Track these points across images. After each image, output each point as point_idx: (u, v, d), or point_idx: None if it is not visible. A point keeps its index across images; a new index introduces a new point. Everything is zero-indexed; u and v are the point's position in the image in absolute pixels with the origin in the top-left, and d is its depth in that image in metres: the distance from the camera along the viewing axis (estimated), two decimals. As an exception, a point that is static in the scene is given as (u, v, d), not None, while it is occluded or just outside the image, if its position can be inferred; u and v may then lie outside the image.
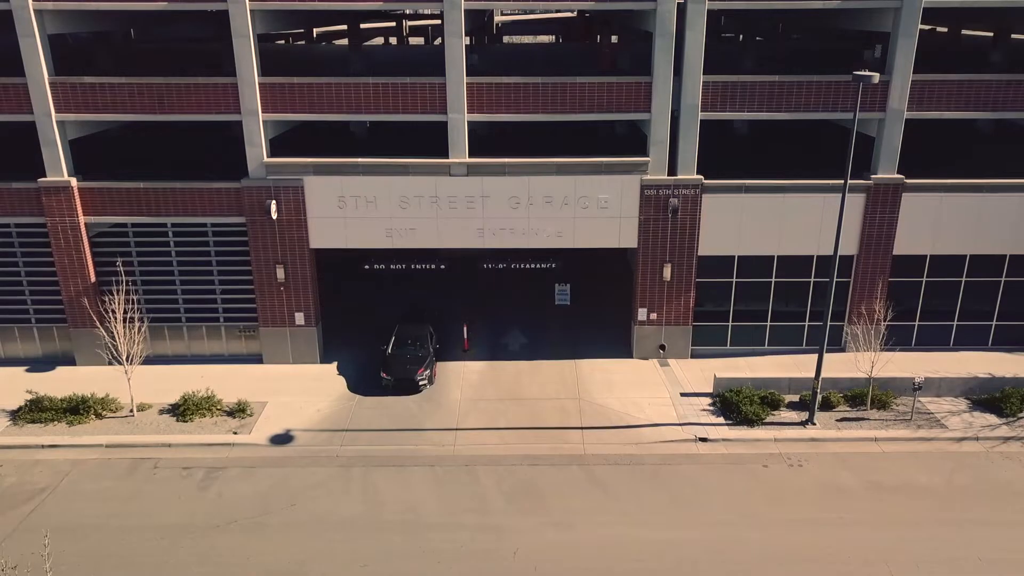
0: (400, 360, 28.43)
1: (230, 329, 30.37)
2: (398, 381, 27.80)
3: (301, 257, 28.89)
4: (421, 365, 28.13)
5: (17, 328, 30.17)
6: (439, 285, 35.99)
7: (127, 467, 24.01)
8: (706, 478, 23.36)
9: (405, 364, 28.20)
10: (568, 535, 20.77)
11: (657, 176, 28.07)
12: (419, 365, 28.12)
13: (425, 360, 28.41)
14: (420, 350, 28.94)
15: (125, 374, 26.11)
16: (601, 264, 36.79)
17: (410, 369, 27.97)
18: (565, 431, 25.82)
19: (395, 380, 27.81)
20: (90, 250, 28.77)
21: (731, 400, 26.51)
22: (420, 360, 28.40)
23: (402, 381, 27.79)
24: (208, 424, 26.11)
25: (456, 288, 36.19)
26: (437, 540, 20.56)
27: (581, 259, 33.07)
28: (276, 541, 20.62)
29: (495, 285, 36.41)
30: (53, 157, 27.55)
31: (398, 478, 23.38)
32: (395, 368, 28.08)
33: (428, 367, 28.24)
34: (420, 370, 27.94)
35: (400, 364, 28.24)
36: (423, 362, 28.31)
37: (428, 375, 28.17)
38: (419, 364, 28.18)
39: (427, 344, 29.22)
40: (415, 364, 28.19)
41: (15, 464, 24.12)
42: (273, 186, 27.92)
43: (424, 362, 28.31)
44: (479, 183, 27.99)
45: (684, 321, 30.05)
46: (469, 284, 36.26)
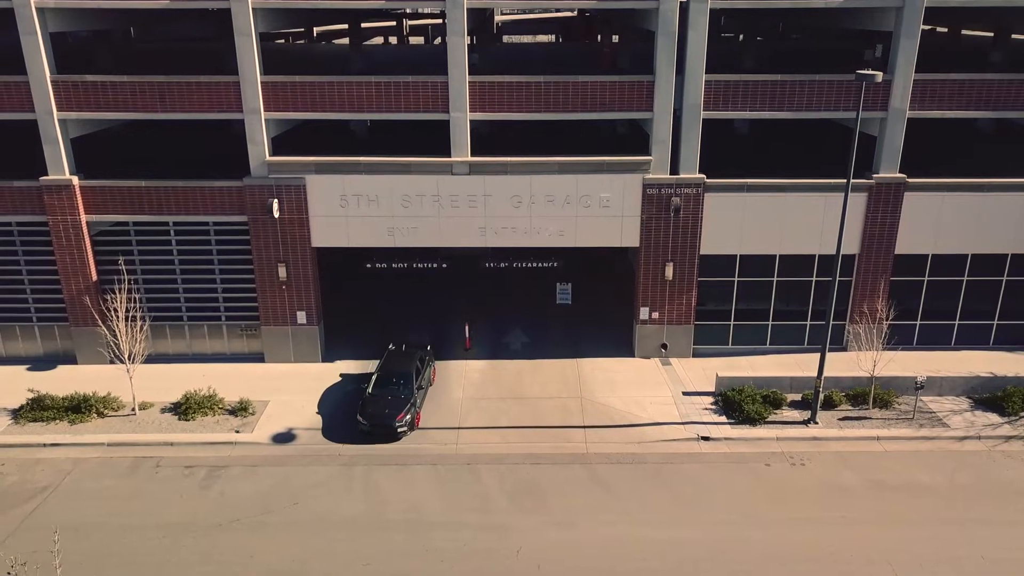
0: (379, 403, 25.31)
1: (231, 328, 30.35)
2: (374, 427, 24.81)
3: (303, 256, 28.87)
4: (401, 410, 24.99)
5: (18, 327, 30.14)
6: (439, 284, 36.04)
7: (129, 466, 23.98)
8: (708, 477, 23.35)
9: (384, 408, 25.09)
10: (571, 534, 20.76)
11: (659, 175, 28.06)
12: (399, 410, 24.98)
13: (406, 404, 25.29)
14: (403, 391, 25.77)
15: (127, 373, 26.09)
16: (602, 263, 36.84)
17: (389, 414, 24.87)
18: (567, 430, 25.81)
19: (371, 426, 24.84)
20: (91, 249, 28.74)
21: (733, 399, 26.51)
22: (401, 403, 25.24)
23: (378, 427, 24.77)
24: (210, 423, 26.09)
25: (457, 287, 36.20)
26: (440, 539, 20.55)
27: (582, 258, 33.09)
28: (278, 540, 20.60)
29: (496, 284, 36.42)
30: (55, 155, 27.51)
31: (400, 477, 23.36)
32: (372, 412, 25.07)
33: (409, 411, 25.15)
34: (400, 415, 24.85)
35: (378, 408, 25.14)
36: (403, 406, 25.17)
37: (409, 420, 25.03)
38: (399, 408, 25.04)
39: (411, 383, 26.03)
40: (395, 408, 25.04)
41: (17, 463, 24.09)
42: (275, 185, 27.89)
43: (405, 406, 25.17)
44: (481, 182, 27.97)
45: (686, 320, 30.05)
46: (470, 283, 36.29)
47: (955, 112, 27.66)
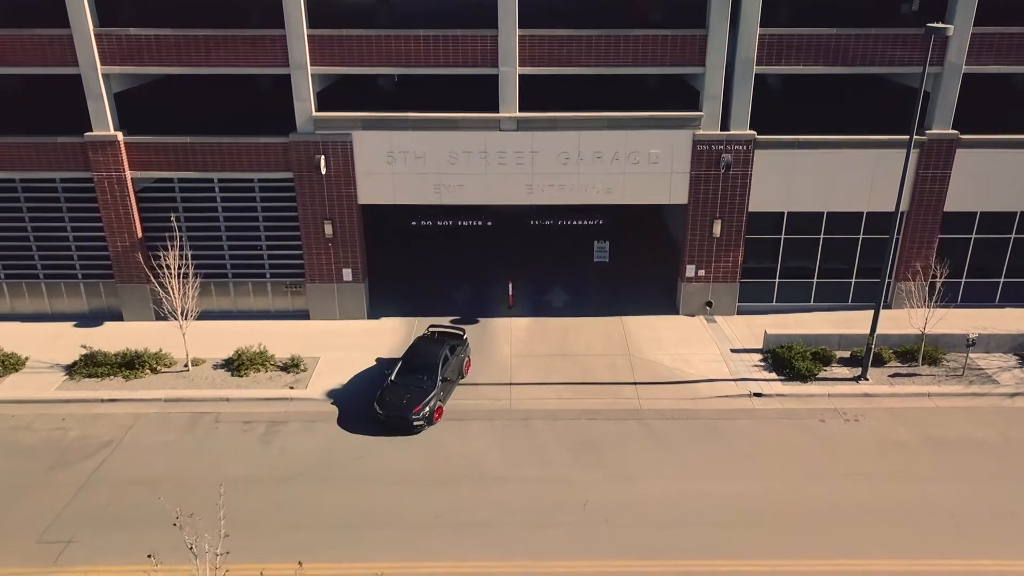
0: (398, 393, 23.64)
1: (276, 285, 30.36)
2: (388, 418, 23.27)
3: (349, 213, 28.74)
4: (420, 402, 23.22)
5: (64, 283, 30.16)
6: (477, 242, 35.90)
7: (187, 421, 24.20)
8: (763, 433, 23.55)
9: (402, 399, 23.39)
10: (633, 488, 21.01)
11: (709, 131, 27.77)
12: (418, 402, 23.23)
13: (426, 395, 23.45)
14: (425, 382, 23.91)
15: (180, 329, 26.19)
16: (635, 221, 36.64)
17: (406, 405, 23.17)
18: (618, 386, 25.97)
19: (386, 416, 23.29)
20: (136, 205, 28.62)
21: (783, 356, 26.60)
22: (421, 395, 23.47)
23: (392, 419, 23.23)
24: (263, 379, 26.25)
25: (495, 245, 36.08)
26: (505, 492, 20.81)
27: (615, 216, 32.83)
28: (345, 493, 20.86)
29: (534, 242, 36.31)
30: (99, 111, 27.24)
31: (458, 431, 23.57)
32: (389, 401, 23.46)
33: (428, 404, 23.31)
34: (417, 408, 23.10)
35: (397, 398, 23.48)
36: (423, 398, 23.38)
37: (427, 414, 23.20)
38: (418, 401, 23.27)
39: (435, 375, 24.12)
40: (414, 400, 23.30)
41: (77, 418, 24.31)
42: (321, 141, 27.64)
43: (424, 398, 23.34)
44: (529, 138, 27.70)
45: (732, 278, 30.01)
46: (509, 241, 36.12)
47: (1012, 67, 27.24)
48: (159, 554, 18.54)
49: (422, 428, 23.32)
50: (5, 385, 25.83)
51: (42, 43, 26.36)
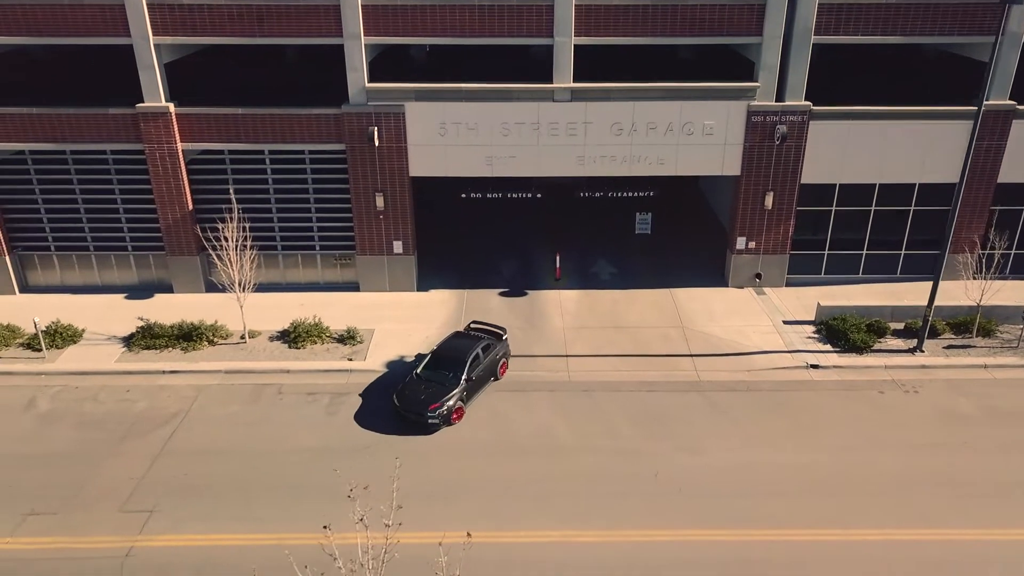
0: (417, 388, 22.76)
1: (326, 257, 30.39)
2: (405, 412, 22.43)
3: (401, 185, 28.66)
4: (438, 400, 22.20)
5: (114, 255, 30.19)
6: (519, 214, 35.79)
7: (251, 393, 24.36)
8: (824, 404, 23.70)
9: (420, 394, 22.45)
10: (702, 459, 21.21)
11: (765, 102, 27.57)
12: (436, 399, 22.22)
13: (447, 393, 22.39)
14: (449, 380, 22.84)
15: (238, 301, 26.27)
16: (673, 193, 36.44)
17: (423, 401, 22.20)
18: (675, 358, 26.09)
19: (403, 410, 22.50)
20: (187, 177, 28.54)
21: (837, 328, 26.68)
22: (441, 392, 22.45)
23: (409, 413, 22.36)
24: (320, 351, 26.38)
25: (538, 217, 35.98)
26: (576, 463, 21.01)
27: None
28: (416, 464, 21.02)
29: (575, 214, 36.23)
30: (151, 82, 27.05)
31: (522, 403, 23.75)
32: (407, 396, 22.60)
33: (447, 402, 22.22)
34: (434, 405, 22.07)
35: (415, 392, 22.60)
36: (442, 396, 22.33)
37: (444, 413, 22.11)
38: (436, 398, 22.25)
39: (461, 373, 22.97)
40: (432, 397, 22.28)
41: (141, 389, 24.49)
42: (374, 112, 27.47)
43: (443, 396, 22.30)
44: (583, 109, 27.52)
45: (782, 250, 29.99)
46: (550, 213, 36.00)
47: (1072, 36, 26.95)
48: (245, 522, 18.88)
49: (437, 427, 22.16)
50: (65, 357, 25.99)
51: (95, 13, 26.09)
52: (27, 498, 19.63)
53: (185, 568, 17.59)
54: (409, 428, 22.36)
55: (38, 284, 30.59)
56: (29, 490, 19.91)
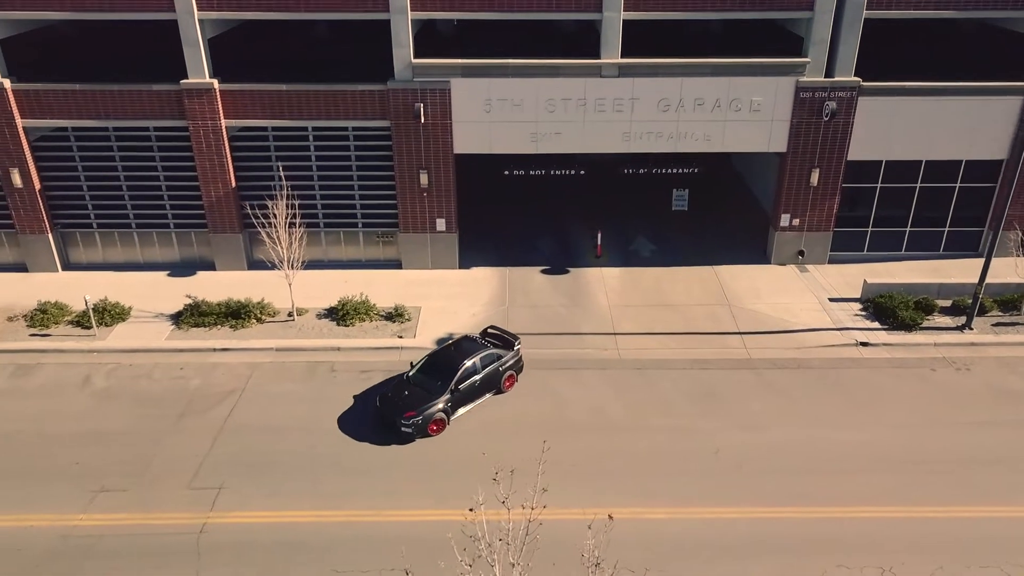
0: (401, 390, 21.82)
1: (368, 235, 30.34)
2: (383, 416, 21.47)
3: (445, 162, 28.53)
4: (414, 407, 21.01)
5: (156, 233, 30.16)
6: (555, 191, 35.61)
7: (304, 370, 24.46)
8: (877, 382, 23.75)
9: (399, 399, 21.43)
10: (760, 436, 21.31)
11: (814, 78, 27.32)
12: (412, 407, 21.04)
13: (427, 402, 21.16)
14: (436, 388, 21.58)
15: (286, 279, 26.27)
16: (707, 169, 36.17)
17: (399, 408, 21.13)
18: (724, 336, 26.12)
19: (380, 411, 21.63)
20: (231, 154, 28.42)
21: (885, 305, 26.66)
22: (421, 400, 21.26)
23: (385, 415, 21.44)
24: (369, 328, 26.44)
25: (575, 194, 35.82)
26: (635, 440, 21.12)
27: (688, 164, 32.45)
28: (478, 439, 21.15)
29: (611, 190, 36.06)
30: (195, 58, 26.84)
31: (574, 381, 23.82)
32: (388, 397, 21.74)
33: (424, 412, 20.93)
34: (409, 413, 20.89)
35: (397, 395, 21.66)
36: (421, 404, 21.12)
37: (418, 423, 20.81)
38: (413, 405, 21.08)
39: (449, 382, 21.61)
40: (410, 403, 21.18)
41: (195, 367, 24.59)
42: (420, 89, 27.27)
43: (422, 404, 21.09)
44: (630, 85, 27.31)
45: (825, 227, 29.88)
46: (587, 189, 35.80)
47: None
48: (314, 499, 19.03)
49: (412, 437, 20.99)
50: (115, 334, 26.07)
51: (139, -12, 25.87)
52: (95, 475, 19.80)
53: (260, 545, 17.77)
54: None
55: (80, 261, 30.60)
56: (96, 467, 20.07)
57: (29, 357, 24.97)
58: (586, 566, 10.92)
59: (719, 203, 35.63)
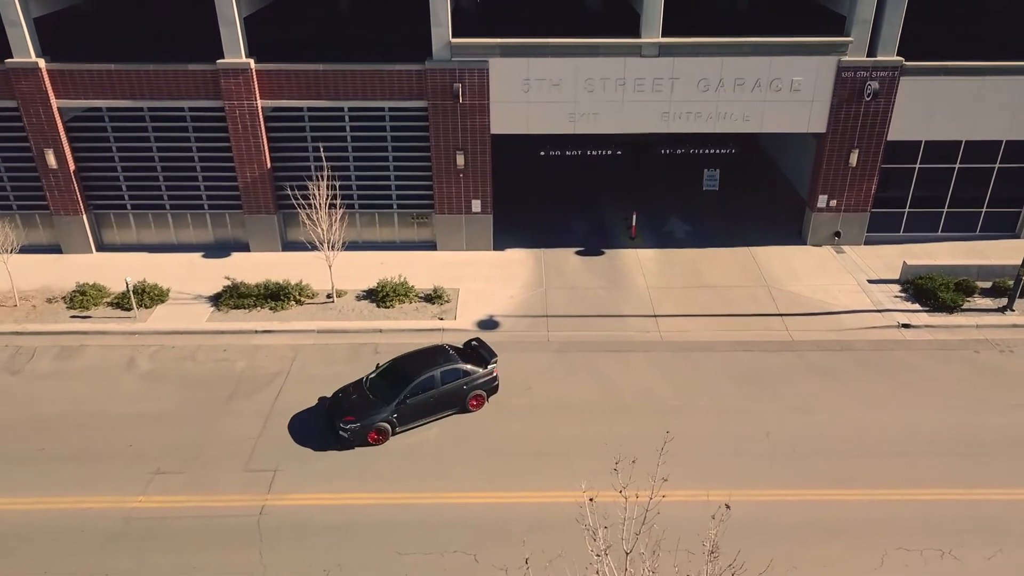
0: (350, 392, 21.18)
1: (403, 216, 30.22)
2: (328, 413, 21.22)
3: (482, 143, 28.33)
4: (353, 415, 20.22)
5: (190, 214, 30.04)
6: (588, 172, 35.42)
7: (347, 352, 24.44)
8: (921, 364, 23.74)
9: (344, 403, 20.81)
10: (811, 419, 21.33)
11: (856, 57, 27.05)
12: (352, 413, 20.29)
13: (368, 412, 20.23)
14: (385, 397, 20.56)
15: (326, 260, 26.22)
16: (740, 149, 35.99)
17: (340, 412, 20.56)
18: (765, 318, 26.08)
19: (326, 409, 21.41)
20: (266, 135, 28.24)
21: (925, 287, 26.60)
22: (364, 408, 20.37)
23: (329, 414, 21.12)
24: (410, 310, 26.40)
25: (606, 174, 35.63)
26: (684, 423, 21.08)
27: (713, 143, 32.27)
28: (526, 422, 21.21)
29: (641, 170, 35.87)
30: (231, 37, 26.55)
31: (619, 363, 23.81)
32: (336, 397, 21.29)
33: (363, 422, 20.06)
34: (348, 418, 20.19)
35: (345, 396, 21.11)
36: (361, 412, 20.25)
37: (355, 429, 20.02)
38: (354, 412, 20.30)
39: (400, 393, 20.47)
40: (352, 409, 20.43)
41: (238, 349, 24.58)
42: (458, 68, 27.02)
43: (362, 412, 20.22)
44: (670, 64, 27.05)
45: (863, 208, 29.74)
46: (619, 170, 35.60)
47: None
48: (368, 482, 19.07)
49: (351, 443, 20.26)
50: (156, 316, 26.05)
51: (176, -34, 25.59)
52: (150, 457, 19.86)
53: (320, 527, 17.85)
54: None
55: (113, 243, 30.51)
56: (150, 449, 20.12)
57: (72, 339, 24.97)
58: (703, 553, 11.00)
59: (749, 184, 35.45)
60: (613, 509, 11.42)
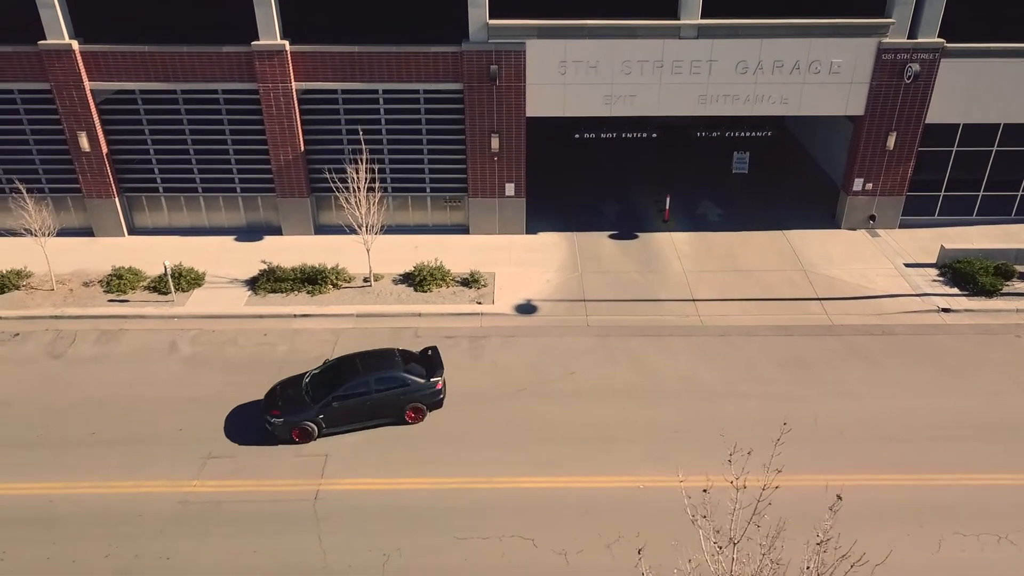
0: (283, 389, 20.64)
1: (435, 199, 30.09)
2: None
3: (517, 126, 28.14)
4: (281, 408, 19.87)
5: (222, 197, 29.91)
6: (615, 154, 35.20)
7: (388, 336, 24.39)
8: (963, 348, 23.71)
9: (276, 395, 20.40)
10: (857, 404, 21.33)
11: (896, 39, 26.79)
12: (278, 408, 19.91)
13: (295, 409, 19.76)
14: (316, 397, 20.01)
15: (364, 244, 26.15)
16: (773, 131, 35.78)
17: (268, 404, 20.24)
18: (803, 302, 26.02)
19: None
20: (300, 117, 28.04)
21: (963, 271, 26.52)
22: (292, 404, 19.91)
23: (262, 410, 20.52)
24: (447, 294, 26.35)
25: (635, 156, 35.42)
26: (729, 408, 21.13)
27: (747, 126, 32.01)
28: (572, 407, 21.22)
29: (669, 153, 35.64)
30: (267, 18, 26.31)
31: (660, 348, 23.80)
32: (273, 392, 20.71)
33: (286, 418, 19.58)
34: (275, 412, 19.80)
35: (282, 388, 20.68)
36: (291, 408, 19.80)
37: (278, 424, 19.58)
38: (281, 407, 19.91)
39: (329, 394, 19.89)
40: (283, 404, 20.02)
41: (278, 333, 24.57)
42: (495, 50, 26.78)
43: (291, 409, 19.76)
44: (708, 46, 26.80)
45: (898, 191, 29.59)
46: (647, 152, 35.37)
47: None
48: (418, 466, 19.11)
49: (272, 433, 19.86)
50: (193, 300, 26.02)
51: (212, -54, 25.28)
52: (201, 441, 19.91)
53: (377, 511, 17.91)
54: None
55: (145, 226, 30.43)
56: (200, 433, 20.17)
57: (111, 323, 24.97)
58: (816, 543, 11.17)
59: (777, 166, 35.23)
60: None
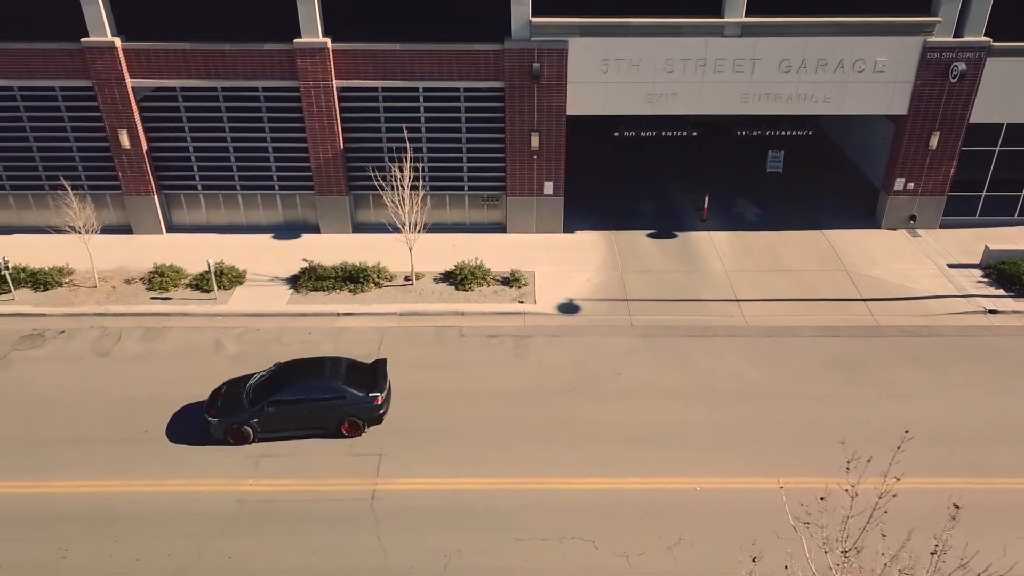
0: (228, 388, 20.54)
1: (473, 198, 30.01)
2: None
3: (557, 124, 28.03)
4: (219, 410, 19.77)
5: (260, 195, 29.90)
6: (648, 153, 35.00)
7: (433, 335, 24.37)
8: (1013, 350, 23.53)
9: (217, 396, 20.27)
10: (909, 405, 21.19)
11: (942, 38, 26.57)
12: (218, 407, 19.85)
13: (233, 411, 19.62)
14: (255, 400, 19.82)
15: (407, 243, 26.11)
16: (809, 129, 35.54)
17: (211, 402, 20.16)
18: (848, 303, 25.86)
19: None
20: (340, 115, 28.00)
21: (1009, 272, 26.31)
22: (230, 407, 19.78)
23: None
24: (488, 293, 26.29)
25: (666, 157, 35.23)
26: (782, 409, 21.03)
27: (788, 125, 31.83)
28: (619, 408, 21.13)
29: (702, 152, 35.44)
30: (309, 15, 26.26)
31: (706, 348, 23.68)
32: (219, 388, 20.67)
33: (225, 419, 19.48)
34: (212, 411, 19.74)
35: (227, 388, 20.57)
36: (226, 409, 19.72)
37: (214, 425, 19.51)
38: (221, 407, 19.82)
39: (264, 399, 19.68)
40: (220, 403, 19.97)
41: (322, 332, 24.55)
42: (537, 48, 26.66)
43: (228, 409, 19.67)
44: (752, 45, 26.63)
45: (940, 191, 29.37)
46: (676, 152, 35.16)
47: None
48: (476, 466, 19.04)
49: (209, 431, 19.78)
50: (236, 298, 26.02)
51: (256, -57, 25.23)
52: (253, 440, 19.91)
53: (435, 511, 17.89)
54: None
55: (183, 223, 30.44)
56: (252, 432, 20.16)
57: (155, 320, 24.99)
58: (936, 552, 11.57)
59: (812, 165, 34.98)
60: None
